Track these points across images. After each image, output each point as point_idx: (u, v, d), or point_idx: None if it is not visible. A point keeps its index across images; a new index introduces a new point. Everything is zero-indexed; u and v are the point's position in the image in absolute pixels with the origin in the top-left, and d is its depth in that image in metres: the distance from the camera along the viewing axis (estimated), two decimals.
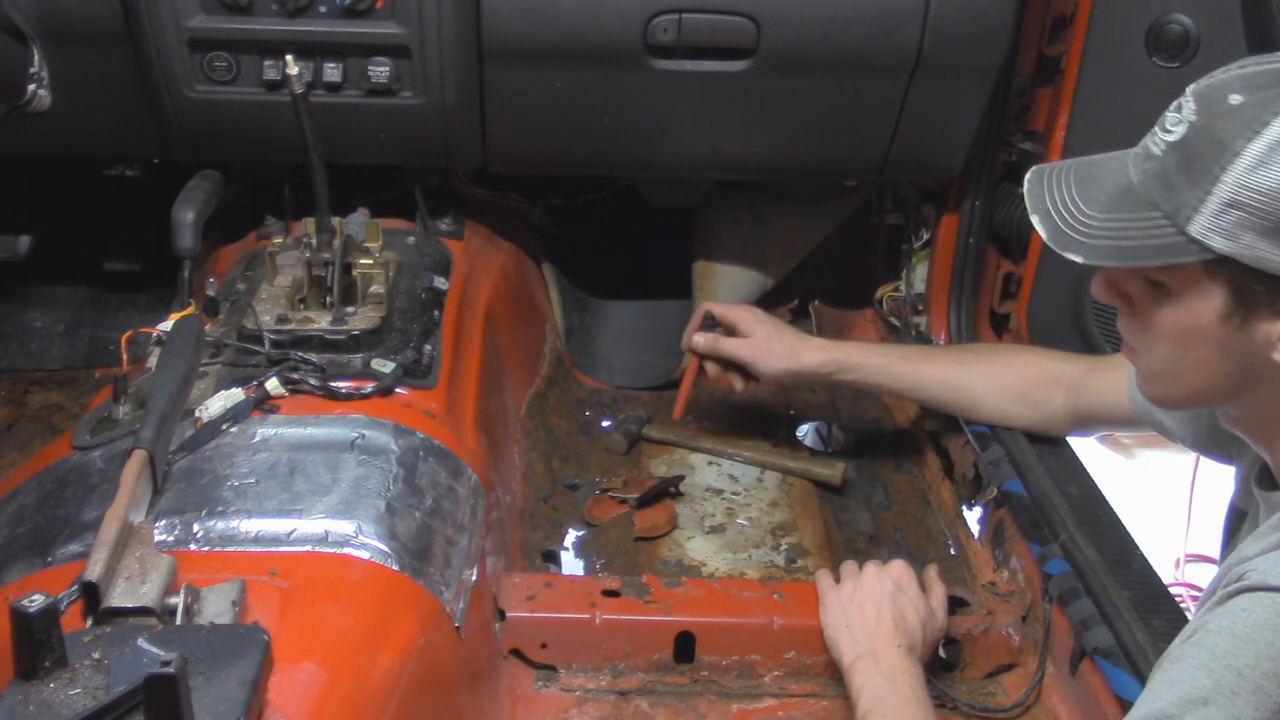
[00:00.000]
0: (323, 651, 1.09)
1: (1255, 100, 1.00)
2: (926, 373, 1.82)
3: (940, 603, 1.54)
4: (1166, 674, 1.01)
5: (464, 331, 1.76)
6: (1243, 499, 1.29)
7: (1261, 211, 0.99)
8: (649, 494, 1.86)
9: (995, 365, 1.81)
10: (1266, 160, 0.98)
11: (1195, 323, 1.07)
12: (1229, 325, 1.05)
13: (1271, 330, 1.03)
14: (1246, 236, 1.00)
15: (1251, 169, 0.99)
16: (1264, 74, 1.02)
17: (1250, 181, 0.99)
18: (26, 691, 0.92)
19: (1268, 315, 1.03)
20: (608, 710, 1.48)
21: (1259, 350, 1.05)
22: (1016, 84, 1.97)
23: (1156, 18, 1.80)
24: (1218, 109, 1.02)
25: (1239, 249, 1.01)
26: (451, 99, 1.77)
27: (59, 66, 1.76)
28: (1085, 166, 1.14)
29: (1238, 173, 0.99)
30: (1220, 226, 1.01)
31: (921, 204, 2.18)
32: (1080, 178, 1.13)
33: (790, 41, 1.76)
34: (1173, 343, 1.11)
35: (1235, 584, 1.01)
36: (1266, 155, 0.98)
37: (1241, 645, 0.97)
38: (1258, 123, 0.99)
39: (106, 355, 2.26)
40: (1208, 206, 1.01)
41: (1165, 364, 1.14)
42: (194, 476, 1.31)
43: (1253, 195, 0.99)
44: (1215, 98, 1.03)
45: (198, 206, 1.71)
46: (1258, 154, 0.99)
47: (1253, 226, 1.00)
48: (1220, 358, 1.08)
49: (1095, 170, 1.13)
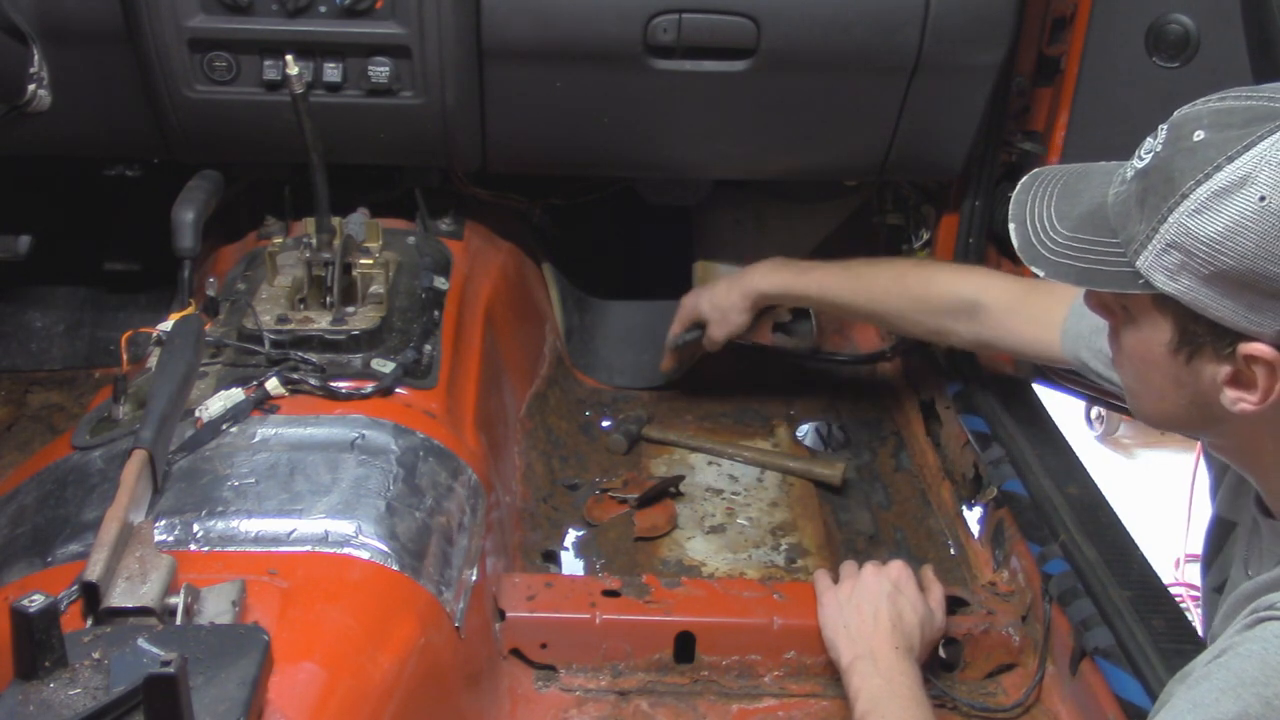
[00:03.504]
0: (323, 651, 1.10)
1: (1215, 140, 0.98)
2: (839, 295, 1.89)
3: (938, 602, 1.54)
4: (1191, 692, 0.99)
5: (464, 331, 1.76)
6: (1229, 508, 1.28)
7: (1199, 258, 0.97)
8: (649, 494, 1.86)
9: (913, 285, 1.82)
10: (1208, 207, 0.96)
11: (1149, 351, 1.07)
12: (1177, 360, 1.04)
13: (1217, 372, 1.02)
14: (1185, 279, 0.99)
15: (1194, 213, 0.97)
16: (1235, 111, 0.99)
17: (1191, 226, 0.97)
18: (26, 691, 0.92)
19: (1211, 357, 1.02)
20: (608, 710, 1.48)
21: (1207, 389, 1.03)
22: (1016, 84, 1.97)
23: (1156, 18, 1.80)
24: (1181, 144, 1.00)
25: (1179, 290, 0.99)
26: (451, 99, 1.77)
27: (59, 66, 1.76)
28: (1076, 178, 1.13)
29: (1181, 215, 0.98)
30: (1162, 265, 1.00)
31: (921, 204, 2.18)
32: (1065, 190, 1.12)
33: (790, 41, 1.76)
34: (1135, 366, 1.11)
35: (1267, 611, 0.99)
36: (1209, 202, 0.96)
37: (1272, 675, 0.95)
38: (1210, 165, 0.97)
39: (106, 355, 2.26)
40: (1153, 244, 1.00)
41: (1133, 385, 1.14)
42: (194, 476, 1.31)
43: (1192, 240, 0.97)
44: (1184, 131, 1.00)
45: (198, 206, 1.71)
46: (1201, 199, 0.97)
47: (1191, 270, 0.98)
48: (1175, 390, 1.07)
49: (1083, 183, 1.12)
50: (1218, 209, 0.96)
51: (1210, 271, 0.97)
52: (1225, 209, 0.96)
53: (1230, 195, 0.96)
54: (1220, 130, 0.98)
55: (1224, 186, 0.96)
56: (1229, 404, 1.02)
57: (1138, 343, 1.08)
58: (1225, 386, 1.02)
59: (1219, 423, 1.07)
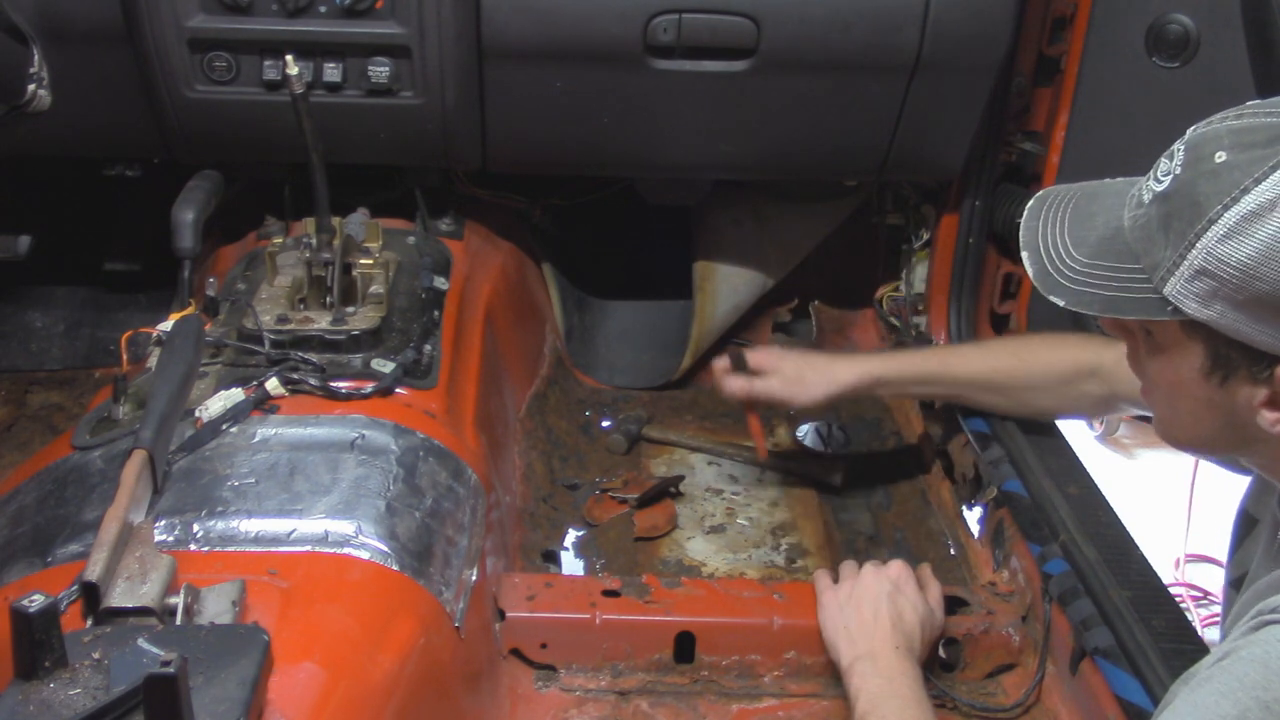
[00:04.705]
0: (323, 651, 1.09)
1: (1239, 161, 0.95)
2: (963, 373, 1.79)
3: (937, 601, 1.54)
4: (1192, 695, 0.98)
5: (464, 331, 1.76)
6: (1255, 505, 1.28)
7: (1231, 284, 0.95)
8: (649, 494, 1.86)
9: (1030, 359, 1.76)
10: (1239, 231, 0.94)
11: (1179, 377, 1.05)
12: (1210, 383, 1.02)
13: (1253, 394, 1.00)
14: (1218, 305, 0.96)
15: (1223, 239, 0.94)
16: (1257, 130, 0.96)
17: (1221, 252, 0.95)
18: (26, 691, 0.92)
19: (1247, 379, 0.99)
20: (608, 710, 1.48)
21: (1243, 411, 1.02)
22: (1016, 84, 1.97)
23: (1156, 18, 1.80)
24: (1203, 166, 0.97)
25: (1211, 317, 0.97)
26: (451, 99, 1.77)
27: (59, 66, 1.76)
28: (1086, 199, 1.11)
29: (1210, 240, 0.95)
30: (1192, 292, 0.97)
31: (921, 204, 2.18)
32: (1076, 214, 1.10)
33: (790, 41, 1.76)
34: (1163, 391, 1.09)
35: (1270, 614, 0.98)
36: (1240, 226, 0.94)
37: (1272, 679, 0.94)
38: (1237, 188, 0.94)
39: (106, 355, 2.26)
40: (1181, 271, 0.97)
41: (1162, 410, 1.12)
42: (194, 476, 1.31)
43: (1223, 266, 0.95)
44: (1203, 152, 0.98)
45: (198, 206, 1.71)
46: (1231, 224, 0.94)
47: (1224, 297, 0.96)
48: (1208, 413, 1.05)
49: (1094, 205, 1.09)
50: (1248, 233, 0.94)
51: (1244, 297, 0.95)
52: (1256, 233, 0.93)
53: (1260, 219, 0.93)
54: (1243, 151, 0.95)
55: (1254, 210, 0.93)
56: (1268, 425, 1.00)
57: (1166, 369, 1.06)
58: (1262, 409, 1.00)
59: (1255, 443, 1.05)
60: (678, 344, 2.28)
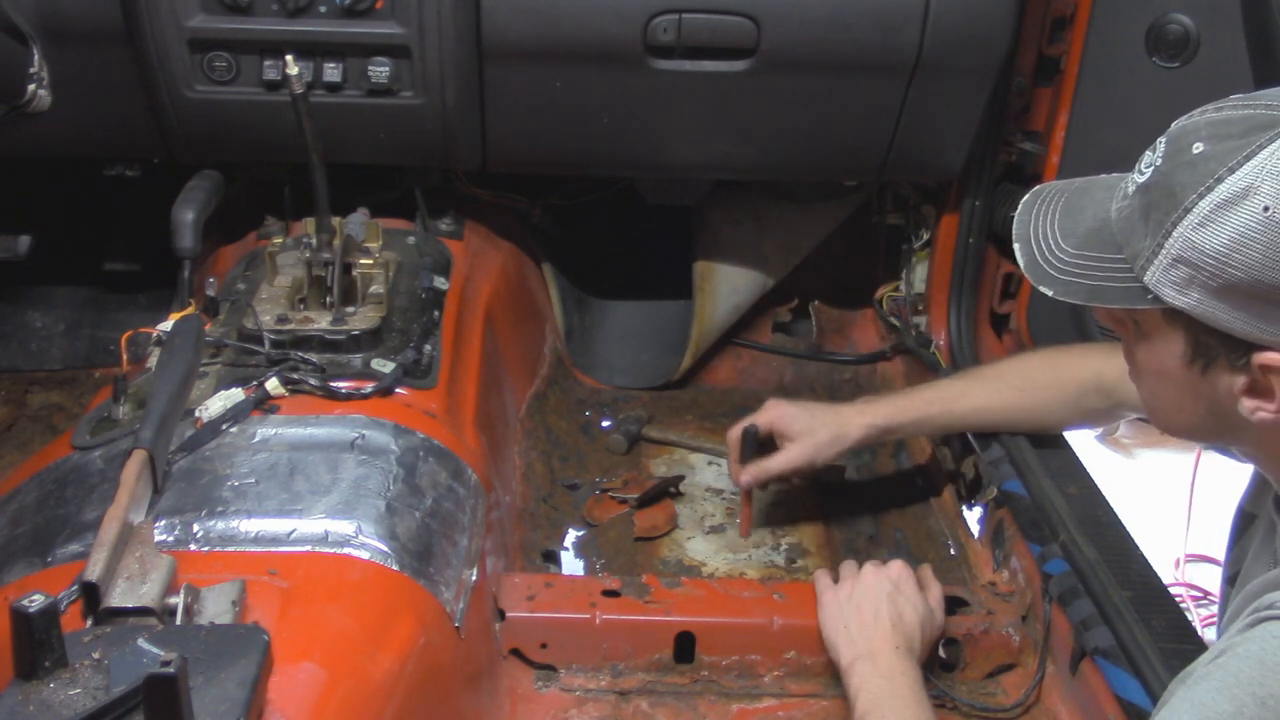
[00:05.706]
0: (323, 651, 1.09)
1: (1215, 151, 0.97)
2: (967, 411, 1.77)
3: (937, 601, 1.54)
4: (1189, 692, 0.99)
5: (464, 331, 1.76)
6: (1253, 503, 1.28)
7: (1206, 271, 0.97)
8: (649, 494, 1.86)
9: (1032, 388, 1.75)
10: (1213, 219, 0.96)
11: (1163, 365, 1.07)
12: (1192, 371, 1.04)
13: (1233, 382, 1.02)
14: (1195, 293, 0.99)
15: (1198, 227, 0.97)
16: (1233, 121, 0.99)
17: (1196, 240, 0.97)
18: (26, 691, 0.92)
19: (1226, 368, 1.02)
20: (608, 710, 1.48)
21: (1224, 399, 1.03)
22: (1016, 84, 1.97)
23: (1156, 18, 1.80)
24: (1181, 157, 0.99)
25: (1189, 304, 0.99)
26: (451, 99, 1.77)
27: (59, 66, 1.76)
28: (1078, 194, 1.13)
29: (1186, 229, 0.98)
30: (1170, 280, 1.00)
31: (921, 204, 2.18)
32: (1067, 207, 1.12)
33: (790, 41, 1.76)
34: (1150, 379, 1.11)
35: (1267, 610, 0.99)
36: (1213, 214, 0.96)
37: (1267, 674, 0.95)
38: (1211, 177, 0.96)
39: (106, 355, 2.26)
40: (1160, 259, 1.00)
41: (1149, 398, 1.14)
42: (194, 476, 1.31)
43: (1198, 254, 0.97)
44: (1183, 144, 1.00)
45: (198, 206, 1.71)
46: (1205, 212, 0.96)
47: (1200, 284, 0.98)
48: (1192, 401, 1.07)
49: (1085, 199, 1.12)
50: (1222, 221, 0.96)
51: (1219, 284, 0.97)
52: (1229, 221, 0.96)
53: (1233, 207, 0.95)
54: (1219, 141, 0.98)
55: (1227, 199, 0.96)
56: (1247, 413, 1.02)
57: (1151, 357, 1.08)
58: (1242, 396, 1.02)
59: (1240, 430, 1.07)
60: (678, 344, 2.28)
